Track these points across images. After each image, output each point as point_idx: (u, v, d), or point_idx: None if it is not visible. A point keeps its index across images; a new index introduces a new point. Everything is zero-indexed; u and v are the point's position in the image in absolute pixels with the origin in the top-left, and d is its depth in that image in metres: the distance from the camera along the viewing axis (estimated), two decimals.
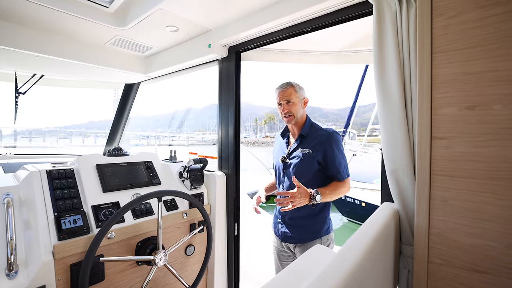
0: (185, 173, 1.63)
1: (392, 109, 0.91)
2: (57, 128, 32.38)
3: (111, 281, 1.23)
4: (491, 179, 0.67)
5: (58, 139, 18.78)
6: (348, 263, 0.49)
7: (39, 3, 1.32)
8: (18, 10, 1.42)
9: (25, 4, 1.34)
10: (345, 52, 1.83)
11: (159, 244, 1.27)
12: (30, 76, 2.12)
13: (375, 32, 0.95)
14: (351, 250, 0.56)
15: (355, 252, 0.54)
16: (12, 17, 1.49)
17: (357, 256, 0.53)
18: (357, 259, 0.52)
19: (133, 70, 2.16)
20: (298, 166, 1.45)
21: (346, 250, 0.55)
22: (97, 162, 1.43)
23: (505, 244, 0.66)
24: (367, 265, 0.55)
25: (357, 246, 0.58)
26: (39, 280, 1.00)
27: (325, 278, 0.46)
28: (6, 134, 14.10)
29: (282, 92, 1.49)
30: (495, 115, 0.66)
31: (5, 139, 12.88)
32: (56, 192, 1.22)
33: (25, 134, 18.99)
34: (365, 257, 0.55)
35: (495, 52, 0.66)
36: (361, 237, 0.63)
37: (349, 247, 0.57)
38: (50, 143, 15.14)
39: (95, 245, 1.05)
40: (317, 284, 0.44)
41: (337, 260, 0.50)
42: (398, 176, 0.91)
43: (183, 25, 1.61)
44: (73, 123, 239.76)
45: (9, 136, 19.11)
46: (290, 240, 1.50)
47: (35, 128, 27.29)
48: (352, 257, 0.52)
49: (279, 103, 1.52)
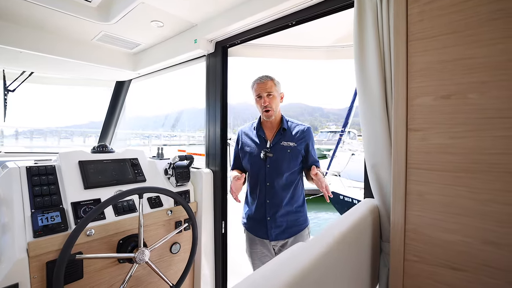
0: (170, 170, 1.61)
1: (372, 102, 0.88)
2: (59, 128, 32.71)
3: (90, 279, 1.21)
4: (467, 172, 0.64)
5: (59, 139, 18.82)
6: (303, 257, 0.46)
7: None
8: (4, 6, 1.40)
9: (14, 1, 1.32)
10: (334, 47, 1.80)
11: (140, 242, 1.25)
12: (19, 74, 2.10)
13: (356, 23, 0.92)
14: (313, 244, 0.53)
15: (315, 247, 0.52)
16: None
17: (317, 251, 0.50)
18: (316, 254, 0.50)
19: (122, 67, 2.14)
20: (287, 158, 1.46)
21: (303, 246, 0.52)
22: (80, 158, 1.41)
23: (481, 240, 0.62)
24: (329, 260, 0.52)
25: (320, 240, 0.55)
26: (12, 277, 0.98)
27: (278, 269, 0.43)
28: (8, 134, 14.10)
29: (263, 84, 1.46)
30: (471, 104, 0.63)
31: (6, 139, 12.89)
32: (35, 188, 1.20)
33: (27, 134, 19.06)
34: (328, 252, 0.53)
35: (471, 38, 0.62)
36: (329, 232, 0.60)
37: (311, 242, 0.54)
38: (51, 143, 15.18)
39: (70, 242, 1.02)
40: (271, 275, 0.41)
41: (292, 256, 0.47)
42: (378, 171, 0.88)
43: (168, 20, 1.59)
44: (74, 123, 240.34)
45: (11, 136, 19.15)
46: (282, 236, 1.47)
47: (36, 128, 27.40)
48: (310, 253, 0.49)
49: (258, 96, 1.47)
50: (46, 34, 1.74)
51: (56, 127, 45.72)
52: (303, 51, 1.84)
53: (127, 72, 2.22)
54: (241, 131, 1.65)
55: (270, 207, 1.46)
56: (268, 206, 1.47)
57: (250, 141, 1.58)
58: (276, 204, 1.46)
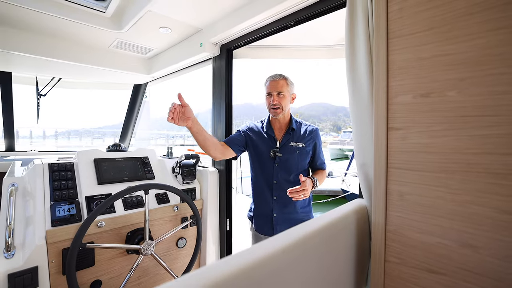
0: (177, 168, 1.69)
1: (361, 102, 0.87)
2: (92, 129, 35.34)
3: (101, 266, 1.32)
4: (446, 172, 0.61)
5: (92, 139, 20.18)
6: (260, 250, 0.49)
7: (49, 13, 1.45)
8: (32, 20, 1.58)
9: (39, 15, 1.49)
10: (338, 46, 1.77)
11: (146, 234, 1.33)
12: (48, 80, 2.33)
13: (347, 23, 0.91)
14: (276, 238, 0.55)
15: (279, 241, 0.53)
16: (25, 25, 1.66)
17: (278, 245, 0.52)
18: (278, 248, 0.51)
19: (138, 71, 2.28)
20: (296, 159, 1.49)
21: (267, 240, 0.54)
22: (95, 156, 1.53)
23: (460, 243, 0.60)
24: (289, 257, 0.54)
25: (287, 234, 0.56)
26: (32, 261, 1.11)
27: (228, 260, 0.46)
28: (49, 134, 15.53)
29: (275, 82, 1.46)
30: (449, 102, 0.61)
31: (48, 139, 14.17)
32: (55, 183, 1.34)
33: (65, 135, 20.75)
34: (293, 247, 0.54)
35: (448, 34, 0.60)
36: (298, 228, 0.61)
37: (276, 236, 0.56)
38: (85, 143, 16.40)
39: (82, 231, 1.13)
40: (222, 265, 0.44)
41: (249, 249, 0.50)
42: (367, 171, 0.87)
43: (175, 26, 1.67)
44: (106, 124, 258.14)
45: (52, 136, 20.87)
46: None
47: (73, 129, 29.67)
48: (269, 247, 0.51)
49: (268, 93, 1.48)
50: (69, 43, 1.91)
51: (90, 127, 49.08)
52: (307, 51, 1.84)
53: (143, 76, 2.36)
54: (251, 127, 1.62)
55: (277, 203, 1.49)
56: (275, 203, 1.49)
57: (259, 138, 1.58)
58: (283, 201, 1.47)
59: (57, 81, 2.38)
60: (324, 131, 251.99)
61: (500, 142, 0.54)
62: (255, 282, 0.45)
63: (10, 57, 1.82)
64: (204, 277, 0.40)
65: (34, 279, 1.09)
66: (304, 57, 1.88)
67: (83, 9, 1.53)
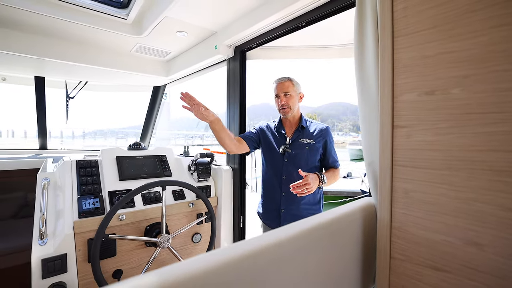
0: (193, 166, 1.76)
1: (369, 100, 0.88)
2: (116, 129, 37.38)
3: (122, 257, 1.42)
4: (450, 170, 0.61)
5: (116, 139, 21.16)
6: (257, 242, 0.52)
7: (77, 22, 1.58)
8: (63, 29, 1.72)
9: (69, 24, 1.63)
10: (350, 45, 1.76)
11: (163, 228, 1.41)
12: (76, 83, 2.51)
13: (356, 22, 0.92)
14: (274, 232, 0.58)
15: (273, 236, 0.56)
16: (57, 34, 1.81)
17: (274, 239, 0.55)
18: (274, 241, 0.55)
19: (157, 73, 2.40)
20: (305, 154, 1.52)
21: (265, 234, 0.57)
22: (117, 154, 1.64)
23: (464, 241, 0.60)
24: (287, 250, 0.56)
25: (285, 229, 0.59)
26: (62, 248, 1.22)
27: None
28: (77, 134, 16.58)
29: (281, 84, 1.55)
30: (454, 99, 0.61)
31: (76, 138, 15.11)
32: (81, 178, 1.45)
33: (91, 135, 21.98)
34: (297, 237, 0.57)
35: (451, 32, 0.60)
36: (307, 220, 0.64)
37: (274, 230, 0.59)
38: (110, 143, 17.28)
39: (104, 223, 1.22)
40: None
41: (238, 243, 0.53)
42: (374, 169, 0.87)
43: (191, 29, 1.75)
44: (129, 124, 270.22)
45: (80, 136, 22.12)
46: None
47: (99, 129, 31.31)
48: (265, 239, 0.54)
49: (276, 95, 1.57)
50: (95, 49, 2.05)
51: (114, 128, 51.68)
52: (319, 51, 1.84)
53: (162, 78, 2.47)
54: (264, 126, 1.71)
55: (285, 199, 1.52)
56: (284, 199, 1.52)
57: (270, 136, 1.66)
58: (291, 198, 1.50)
59: (84, 84, 2.56)
60: (343, 131, 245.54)
61: (505, 139, 0.54)
62: (258, 269, 0.49)
63: (43, 63, 1.99)
64: (208, 260, 0.44)
65: (63, 265, 1.20)
66: (316, 57, 1.88)
67: (107, 17, 1.64)
